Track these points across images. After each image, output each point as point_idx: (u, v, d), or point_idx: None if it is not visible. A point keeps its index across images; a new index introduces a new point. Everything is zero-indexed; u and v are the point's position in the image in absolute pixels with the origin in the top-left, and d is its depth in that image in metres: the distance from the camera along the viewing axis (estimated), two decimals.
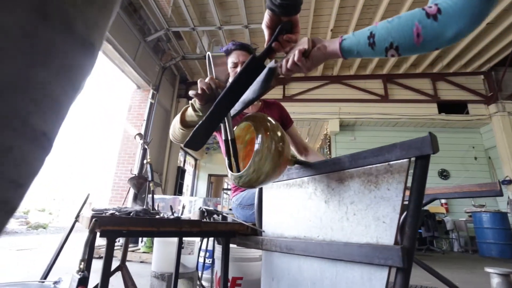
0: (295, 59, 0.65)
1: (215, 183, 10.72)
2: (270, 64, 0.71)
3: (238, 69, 1.21)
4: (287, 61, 0.68)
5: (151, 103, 5.16)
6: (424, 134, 0.54)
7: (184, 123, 0.89)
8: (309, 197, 0.79)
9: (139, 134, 1.68)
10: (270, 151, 0.63)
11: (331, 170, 0.74)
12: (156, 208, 1.69)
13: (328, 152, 6.67)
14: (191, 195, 8.83)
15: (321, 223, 0.73)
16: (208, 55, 0.82)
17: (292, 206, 0.84)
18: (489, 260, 4.37)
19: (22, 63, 0.18)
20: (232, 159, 0.73)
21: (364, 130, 6.49)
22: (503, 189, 2.73)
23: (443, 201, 5.85)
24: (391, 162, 0.60)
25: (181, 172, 6.64)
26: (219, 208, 5.11)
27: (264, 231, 0.93)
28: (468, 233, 5.44)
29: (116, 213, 0.78)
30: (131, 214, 0.77)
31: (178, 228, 0.81)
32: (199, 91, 0.77)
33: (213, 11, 4.38)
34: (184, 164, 8.08)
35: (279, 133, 0.67)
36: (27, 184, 0.19)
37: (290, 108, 6.23)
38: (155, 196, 1.94)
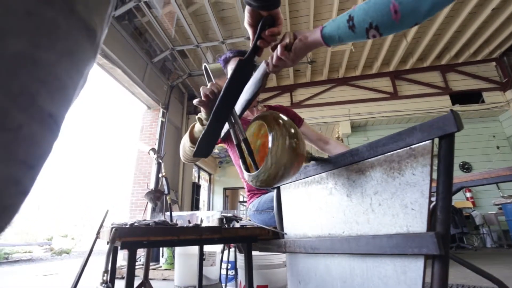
0: (279, 54, 0.66)
1: (230, 197, 10.69)
2: (262, 64, 0.71)
3: None
4: (271, 58, 0.69)
5: (162, 122, 5.27)
6: None
7: (193, 140, 0.91)
8: (330, 193, 0.76)
9: (153, 149, 1.70)
10: (286, 144, 0.62)
11: (350, 162, 0.71)
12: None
13: None
14: (208, 209, 8.81)
15: (345, 217, 0.70)
16: (205, 66, 0.84)
17: (312, 204, 0.81)
18: None
19: (27, 41, 0.17)
20: (248, 158, 0.72)
21: (377, 130, 6.36)
22: None
23: (468, 195, 5.59)
24: (413, 146, 0.57)
25: (196, 187, 6.67)
26: None
27: (286, 233, 0.90)
28: (501, 226, 5.14)
29: (136, 224, 0.77)
30: (150, 225, 0.76)
31: (199, 236, 0.79)
32: (203, 98, 0.78)
33: (215, 27, 4.49)
34: (198, 180, 8.12)
35: (292, 130, 0.66)
36: (37, 166, 0.19)
37: (299, 114, 6.21)
38: (172, 213, 1.94)
